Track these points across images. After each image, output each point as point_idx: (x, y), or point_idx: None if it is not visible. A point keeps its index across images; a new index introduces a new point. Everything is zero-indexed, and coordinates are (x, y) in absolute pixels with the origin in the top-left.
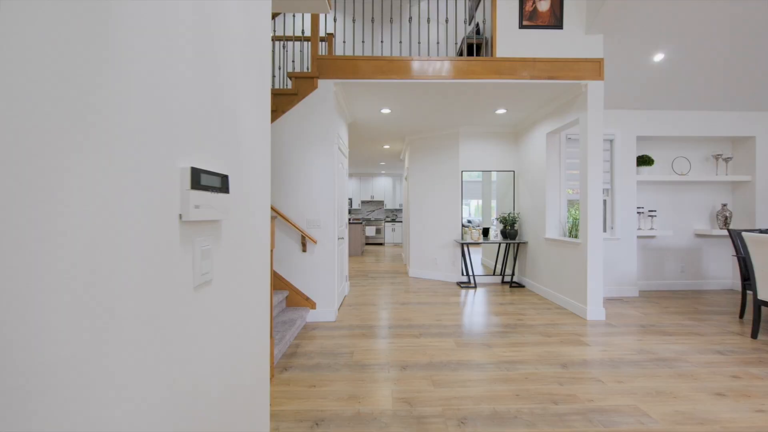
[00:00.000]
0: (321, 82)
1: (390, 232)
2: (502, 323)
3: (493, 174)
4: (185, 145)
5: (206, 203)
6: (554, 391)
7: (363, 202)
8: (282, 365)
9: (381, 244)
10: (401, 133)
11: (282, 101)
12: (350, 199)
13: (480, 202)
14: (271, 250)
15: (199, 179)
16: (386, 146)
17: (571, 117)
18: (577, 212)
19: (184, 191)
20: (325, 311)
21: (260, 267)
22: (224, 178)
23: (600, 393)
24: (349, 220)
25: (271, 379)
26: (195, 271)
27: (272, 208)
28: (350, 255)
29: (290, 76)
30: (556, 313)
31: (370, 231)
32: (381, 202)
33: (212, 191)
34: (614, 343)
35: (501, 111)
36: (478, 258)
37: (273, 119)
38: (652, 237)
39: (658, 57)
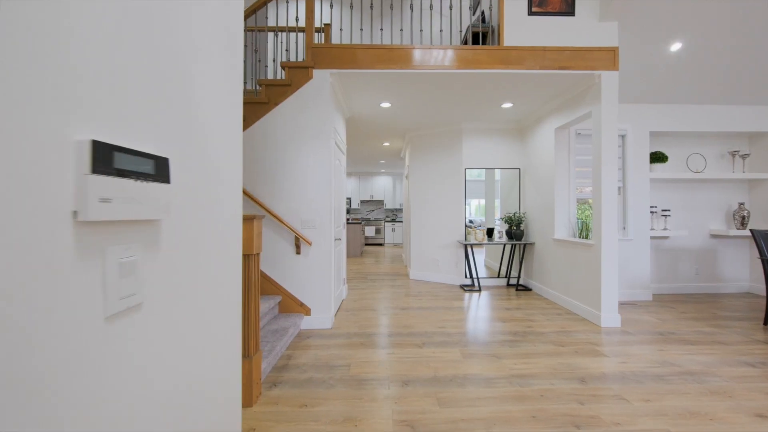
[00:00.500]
0: (316, 72)
1: (390, 233)
2: (510, 330)
3: (497, 172)
4: (90, 108)
5: (126, 196)
6: (575, 412)
7: (362, 202)
8: (271, 380)
9: (381, 244)
10: (402, 130)
11: (274, 93)
12: (349, 199)
13: (481, 201)
14: (256, 254)
15: (109, 160)
16: (386, 144)
17: (583, 110)
18: (584, 213)
19: (80, 176)
20: (320, 318)
21: (227, 279)
22: (161, 162)
23: (627, 414)
24: (348, 219)
25: (257, 397)
26: (108, 294)
27: (263, 207)
28: (349, 256)
29: (283, 65)
30: (568, 319)
31: (370, 231)
32: (381, 202)
33: (138, 179)
34: (633, 353)
35: (507, 105)
36: (480, 259)
37: (265, 112)
38: (666, 237)
39: (676, 46)
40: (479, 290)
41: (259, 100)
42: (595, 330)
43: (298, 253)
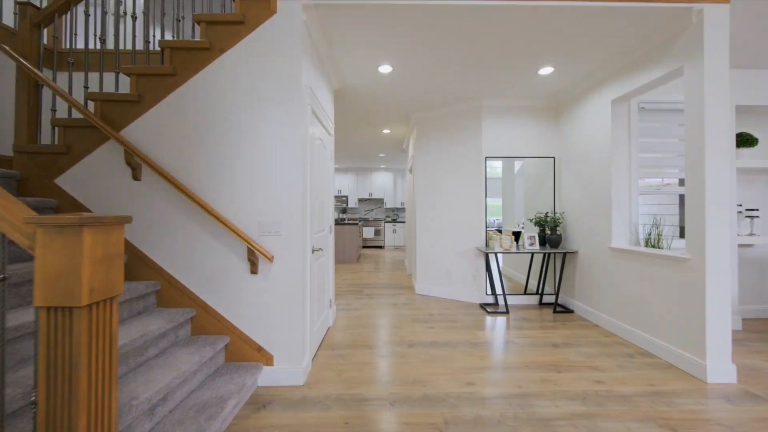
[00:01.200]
0: (282, 5)
1: (390, 234)
2: (574, 390)
3: (516, 165)
4: None
5: None
6: None
7: (360, 200)
8: None
9: (380, 247)
10: (405, 110)
11: (218, 33)
12: (345, 197)
13: (491, 200)
14: (84, 307)
15: None
16: (386, 131)
17: (665, 69)
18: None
19: None
20: (286, 370)
21: None
22: None
23: None
24: (345, 219)
25: None
26: None
27: (200, 204)
28: (345, 261)
29: None
30: (649, 366)
31: (368, 232)
32: (380, 200)
33: None
34: None
35: (546, 70)
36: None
37: (206, 63)
38: (750, 245)
39: None
40: (507, 312)
41: (197, 45)
42: (701, 388)
43: (253, 272)
